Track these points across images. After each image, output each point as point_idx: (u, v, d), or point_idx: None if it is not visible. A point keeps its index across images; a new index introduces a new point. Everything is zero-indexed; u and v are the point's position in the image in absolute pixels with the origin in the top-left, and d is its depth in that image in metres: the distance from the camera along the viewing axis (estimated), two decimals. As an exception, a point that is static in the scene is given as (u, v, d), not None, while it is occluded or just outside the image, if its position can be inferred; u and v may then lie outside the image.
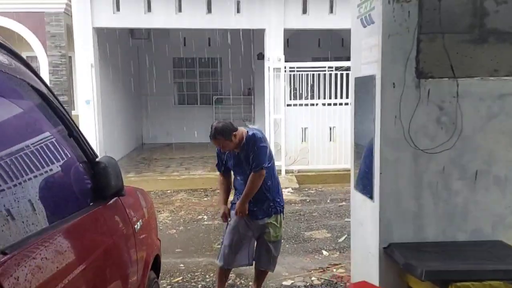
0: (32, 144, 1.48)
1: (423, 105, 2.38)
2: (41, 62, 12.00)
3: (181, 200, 6.80)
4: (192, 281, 4.04)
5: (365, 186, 2.58)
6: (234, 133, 3.18)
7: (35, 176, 1.45)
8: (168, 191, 7.28)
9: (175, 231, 5.51)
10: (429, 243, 2.40)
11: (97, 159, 1.74)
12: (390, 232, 2.39)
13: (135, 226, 2.07)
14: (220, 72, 12.46)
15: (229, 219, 3.42)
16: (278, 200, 3.40)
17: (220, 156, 3.45)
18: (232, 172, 3.52)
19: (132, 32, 10.59)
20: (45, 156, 1.51)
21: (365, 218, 2.61)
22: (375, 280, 2.40)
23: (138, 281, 2.09)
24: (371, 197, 2.48)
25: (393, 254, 2.28)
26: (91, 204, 1.72)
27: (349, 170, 3.05)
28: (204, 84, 12.55)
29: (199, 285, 3.93)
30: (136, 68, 11.58)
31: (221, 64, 12.31)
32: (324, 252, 4.66)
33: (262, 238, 3.39)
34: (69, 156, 1.64)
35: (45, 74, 11.96)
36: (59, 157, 1.58)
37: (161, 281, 4.01)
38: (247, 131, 3.30)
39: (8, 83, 1.39)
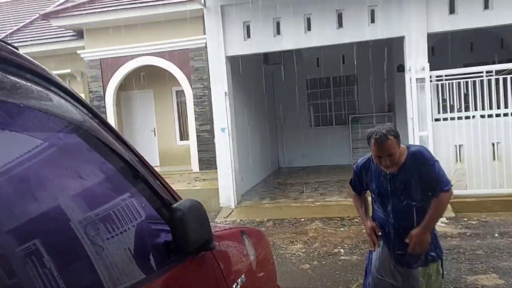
0: (89, 195, 1.18)
1: None
2: (187, 95, 13.01)
3: (316, 230, 6.27)
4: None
5: None
6: (399, 140, 2.57)
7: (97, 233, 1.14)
8: (302, 219, 6.84)
9: (308, 266, 5.00)
10: None
11: (173, 205, 1.36)
12: None
13: (233, 286, 1.65)
14: (356, 90, 11.79)
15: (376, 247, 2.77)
16: (435, 242, 2.65)
17: (359, 175, 2.82)
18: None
19: (265, 58, 10.69)
20: (100, 208, 1.19)
21: None
22: None
23: None
24: None
25: None
26: (167, 263, 1.35)
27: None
28: (338, 103, 11.98)
29: None
30: (270, 93, 11.66)
31: (357, 81, 11.63)
32: (498, 308, 3.61)
33: None
34: (134, 204, 1.30)
35: (190, 106, 12.92)
36: (118, 207, 1.24)
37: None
38: (407, 147, 2.64)
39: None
